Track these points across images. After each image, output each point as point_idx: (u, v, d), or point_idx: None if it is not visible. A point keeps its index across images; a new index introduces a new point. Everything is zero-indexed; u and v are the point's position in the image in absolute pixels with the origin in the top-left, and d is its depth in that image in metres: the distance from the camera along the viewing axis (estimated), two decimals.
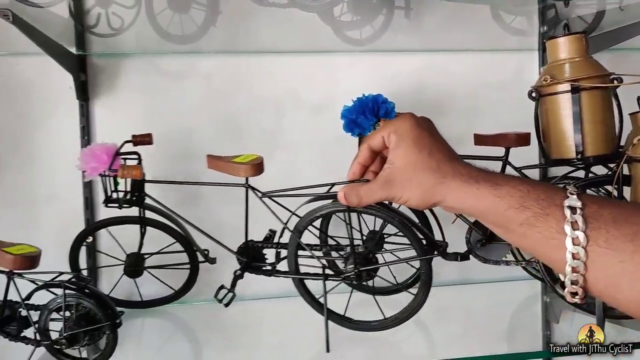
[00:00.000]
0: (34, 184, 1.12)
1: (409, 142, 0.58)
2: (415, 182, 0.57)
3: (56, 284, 0.74)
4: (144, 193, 0.96)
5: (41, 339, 0.74)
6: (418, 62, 1.19)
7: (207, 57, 1.15)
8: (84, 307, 0.73)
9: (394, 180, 0.58)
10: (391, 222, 0.83)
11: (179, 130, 1.10)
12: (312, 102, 1.19)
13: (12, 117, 1.10)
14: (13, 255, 0.71)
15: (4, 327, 0.77)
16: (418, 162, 0.57)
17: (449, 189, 0.56)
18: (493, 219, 0.55)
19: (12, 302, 0.78)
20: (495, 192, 0.54)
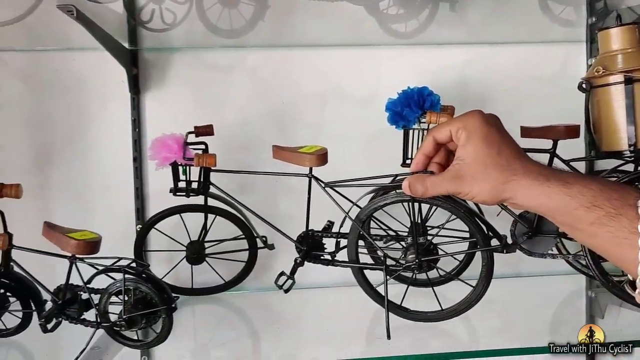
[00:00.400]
0: (88, 174, 1.17)
1: (479, 140, 0.58)
2: (485, 178, 0.57)
3: (116, 269, 0.77)
4: (209, 182, 0.98)
5: (101, 321, 0.78)
6: (463, 55, 1.19)
7: (254, 50, 1.17)
8: (141, 292, 0.76)
9: (463, 176, 0.58)
10: (456, 214, 0.84)
11: (226, 123, 1.13)
12: (356, 95, 1.20)
13: (68, 110, 1.15)
14: (76, 240, 0.74)
15: (66, 310, 0.81)
16: (488, 159, 0.57)
17: (519, 187, 0.56)
18: (562, 217, 0.55)
19: (73, 285, 0.82)
20: (566, 191, 0.54)
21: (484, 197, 0.58)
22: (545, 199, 0.55)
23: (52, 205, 1.15)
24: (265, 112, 1.18)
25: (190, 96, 1.17)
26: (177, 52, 1.16)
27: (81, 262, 0.79)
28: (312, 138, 1.17)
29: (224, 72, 1.17)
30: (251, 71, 1.18)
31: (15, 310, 0.86)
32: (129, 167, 1.16)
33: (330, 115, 1.20)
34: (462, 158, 0.59)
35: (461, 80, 1.19)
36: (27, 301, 0.85)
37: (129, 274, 0.75)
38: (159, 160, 0.95)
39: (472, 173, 0.58)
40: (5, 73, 1.13)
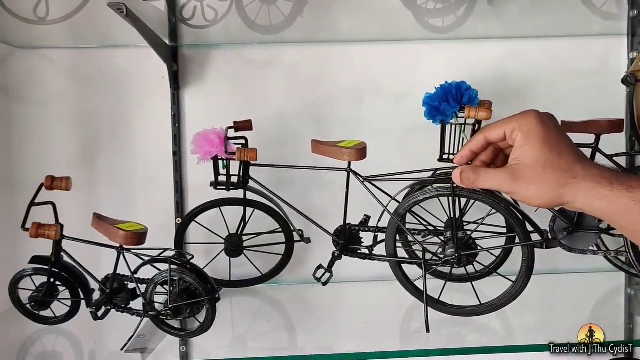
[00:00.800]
0: (130, 168, 1.20)
1: (538, 141, 0.56)
2: (544, 181, 0.56)
3: (163, 260, 0.80)
4: (248, 176, 1.01)
5: (148, 310, 0.80)
6: (500, 49, 1.18)
7: (291, 46, 1.18)
8: (185, 282, 0.78)
9: (521, 177, 0.57)
10: (497, 208, 0.84)
11: (263, 118, 1.14)
12: (392, 90, 1.20)
13: (111, 106, 1.18)
14: (125, 232, 0.77)
15: (113, 299, 0.84)
16: (548, 161, 0.56)
17: (580, 190, 0.55)
18: (626, 222, 0.53)
19: (120, 275, 0.85)
20: (630, 195, 0.52)
21: (541, 200, 0.57)
22: (607, 203, 0.53)
23: (96, 197, 1.19)
24: (302, 107, 1.20)
25: (228, 92, 1.19)
26: (215, 48, 1.18)
27: (128, 253, 0.82)
28: (348, 133, 1.18)
29: (261, 68, 1.19)
30: (288, 67, 1.19)
31: (65, 299, 0.89)
32: (169, 161, 1.18)
33: (366, 111, 1.20)
34: (519, 159, 0.57)
35: (499, 75, 1.18)
36: (75, 290, 0.88)
37: (175, 264, 0.77)
38: (201, 154, 0.98)
39: (530, 175, 0.56)
40: (52, 70, 1.17)
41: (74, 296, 0.88)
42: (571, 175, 0.55)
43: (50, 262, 0.86)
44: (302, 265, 1.19)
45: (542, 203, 0.57)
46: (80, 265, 0.87)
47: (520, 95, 1.18)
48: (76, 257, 0.89)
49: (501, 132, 0.59)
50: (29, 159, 1.18)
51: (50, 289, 0.87)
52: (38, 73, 1.17)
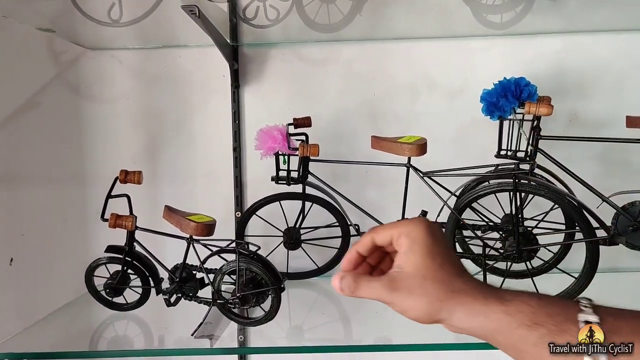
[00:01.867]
0: (191, 163, 1.25)
1: (422, 250, 0.55)
2: (422, 292, 0.53)
3: (231, 250, 0.83)
4: (308, 171, 1.03)
5: (216, 298, 0.84)
6: (559, 44, 1.17)
7: (348, 44, 1.20)
8: (252, 272, 0.81)
9: (400, 285, 0.54)
10: (560, 204, 0.84)
11: (320, 115, 1.16)
12: (447, 86, 1.21)
13: (175, 103, 1.24)
14: (196, 223, 0.81)
15: (182, 287, 0.89)
16: (429, 271, 0.54)
17: (456, 305, 0.52)
18: (505, 339, 0.51)
19: (189, 265, 0.89)
20: (504, 309, 0.50)
21: (417, 313, 0.54)
22: (484, 319, 0.51)
23: (159, 191, 1.24)
24: (358, 104, 1.22)
25: (285, 89, 1.22)
26: (274, 47, 1.21)
27: (197, 244, 0.86)
28: (403, 129, 1.19)
29: (318, 66, 1.22)
30: (345, 64, 1.21)
31: (136, 287, 0.94)
32: (229, 156, 1.23)
33: (421, 107, 1.21)
34: (401, 266, 0.55)
35: (557, 70, 1.17)
36: (146, 278, 0.93)
37: (242, 255, 0.80)
38: (265, 149, 1.01)
39: (410, 284, 0.54)
40: (119, 70, 1.23)
41: (145, 284, 0.92)
42: (450, 289, 0.53)
43: (124, 252, 0.91)
44: None
45: (419, 316, 0.54)
46: (151, 255, 0.91)
47: (580, 90, 1.17)
48: None
49: (388, 236, 0.57)
50: (98, 154, 1.25)
51: (123, 276, 0.92)
52: (107, 73, 1.23)
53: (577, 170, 0.97)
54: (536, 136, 1.00)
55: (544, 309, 0.49)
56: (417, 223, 0.57)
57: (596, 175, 1.12)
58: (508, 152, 1.00)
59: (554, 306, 0.50)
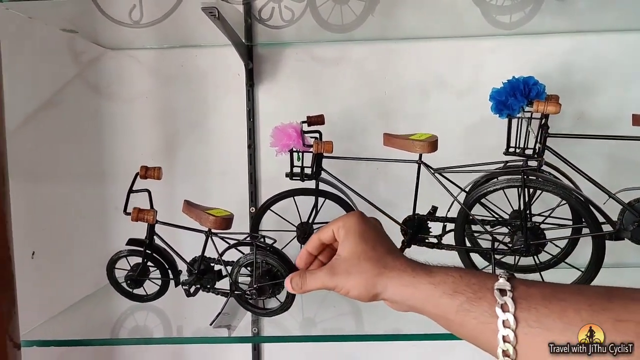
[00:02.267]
0: (207, 160, 1.29)
1: (356, 235, 0.62)
2: (358, 271, 0.60)
3: (248, 243, 0.87)
4: (321, 168, 1.06)
5: (234, 289, 0.88)
6: (567, 43, 1.19)
7: (360, 44, 1.23)
8: (268, 264, 0.84)
9: (338, 269, 0.62)
10: (567, 200, 0.87)
11: (332, 113, 1.19)
12: (456, 86, 1.23)
13: (191, 101, 1.27)
14: (215, 217, 0.84)
15: (201, 279, 0.92)
16: (362, 253, 0.61)
17: (388, 280, 0.58)
18: (432, 308, 0.56)
19: (207, 258, 0.92)
20: (429, 279, 0.56)
21: (358, 291, 0.60)
22: (413, 290, 0.57)
23: (176, 187, 1.28)
24: (369, 102, 1.25)
25: (299, 88, 1.26)
26: (288, 46, 1.25)
27: (215, 237, 0.89)
28: (413, 127, 1.22)
29: (331, 65, 1.25)
30: (356, 64, 1.24)
31: (156, 278, 0.98)
32: (243, 154, 1.26)
33: (431, 106, 1.24)
34: (339, 253, 0.63)
35: (566, 70, 1.19)
36: (165, 270, 0.97)
37: (259, 247, 0.84)
38: (280, 146, 1.04)
39: (347, 267, 0.61)
40: (138, 69, 1.27)
41: (164, 276, 0.96)
42: (382, 265, 0.59)
43: (144, 244, 0.94)
44: None
45: (359, 293, 0.60)
46: (170, 248, 0.95)
47: (587, 89, 1.19)
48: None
49: (330, 232, 0.65)
50: (117, 151, 1.29)
51: (143, 269, 0.96)
52: (126, 72, 1.27)
53: (584, 168, 0.99)
54: (544, 134, 1.02)
55: (464, 279, 0.55)
56: (350, 215, 0.66)
57: (603, 173, 1.15)
58: (516, 150, 1.03)
59: (474, 277, 0.55)
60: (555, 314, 0.48)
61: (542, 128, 1.02)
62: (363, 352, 1.34)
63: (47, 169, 1.29)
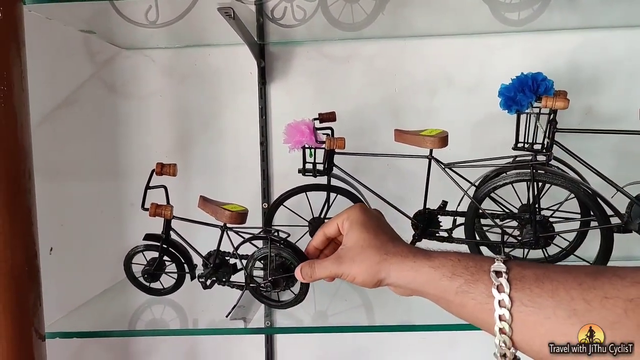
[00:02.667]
0: (220, 157, 1.31)
1: (359, 225, 0.67)
2: (362, 258, 0.64)
3: (262, 237, 0.89)
4: (333, 164, 1.09)
5: (249, 282, 0.90)
6: (576, 40, 1.20)
7: (370, 42, 1.25)
8: (282, 257, 0.87)
9: (344, 258, 0.66)
10: (575, 192, 0.88)
11: (343, 110, 1.20)
12: (465, 82, 1.25)
13: (205, 100, 1.30)
14: (230, 212, 0.87)
15: (217, 273, 0.94)
16: (365, 241, 0.65)
17: (391, 265, 0.62)
18: (433, 291, 0.59)
19: (222, 252, 0.95)
20: (429, 263, 0.59)
21: (362, 277, 0.64)
22: (414, 274, 0.60)
23: (190, 183, 1.30)
24: (379, 99, 1.26)
25: (311, 86, 1.28)
26: (299, 45, 1.27)
27: (230, 231, 0.91)
28: (423, 123, 1.24)
29: (341, 63, 1.27)
30: (366, 61, 1.26)
31: (172, 272, 1.01)
32: (256, 151, 1.28)
33: (440, 102, 1.26)
34: (344, 243, 0.67)
35: (574, 66, 1.21)
36: (181, 265, 0.99)
37: (274, 241, 0.86)
38: (293, 143, 1.06)
39: (352, 255, 0.65)
40: (152, 68, 1.30)
41: (180, 270, 0.98)
42: (384, 252, 0.63)
43: (161, 239, 0.97)
44: None
45: (364, 279, 0.64)
46: (186, 242, 0.97)
47: (595, 85, 1.20)
48: None
49: (334, 225, 0.71)
50: (132, 149, 1.32)
51: (160, 263, 0.98)
52: (140, 71, 1.30)
53: (592, 162, 1.00)
54: (552, 129, 1.04)
55: (462, 263, 0.57)
56: (353, 208, 0.71)
57: (611, 167, 1.15)
58: (525, 145, 1.05)
59: (471, 260, 0.58)
60: (547, 294, 0.50)
61: (551, 123, 1.03)
62: (374, 345, 1.36)
63: (64, 166, 1.33)
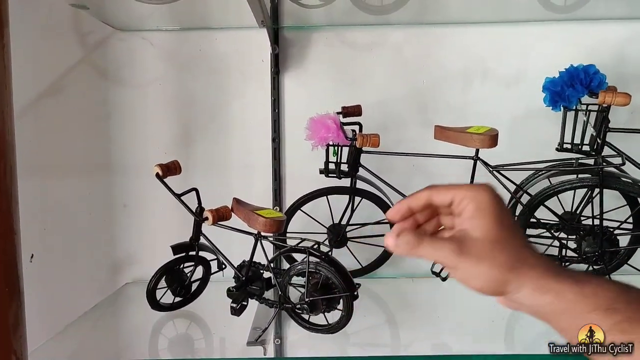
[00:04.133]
0: (227, 154, 1.17)
1: (491, 217, 0.51)
2: (492, 262, 0.50)
3: (301, 250, 0.76)
4: (359, 164, 0.97)
5: (283, 301, 0.77)
6: (622, 31, 1.11)
7: (396, 28, 1.13)
8: (322, 275, 0.74)
9: (469, 250, 0.51)
10: None
11: (365, 103, 1.08)
12: (502, 74, 1.14)
13: (211, 89, 1.16)
14: (265, 218, 0.74)
15: (248, 287, 0.81)
16: (500, 240, 0.50)
17: (526, 280, 0.49)
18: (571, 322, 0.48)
19: (256, 264, 0.82)
20: (579, 290, 0.47)
21: (483, 283, 0.51)
22: (554, 298, 0.48)
23: (192, 183, 1.14)
24: (406, 92, 1.15)
25: (329, 76, 1.15)
26: (317, 30, 1.14)
27: (265, 240, 0.79)
28: (454, 119, 1.13)
29: (364, 51, 1.15)
30: (392, 50, 1.14)
31: (195, 281, 0.87)
32: (267, 147, 1.15)
33: (474, 96, 1.15)
34: (467, 231, 0.52)
35: (619, 59, 1.11)
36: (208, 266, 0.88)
37: (314, 256, 0.73)
38: (317, 139, 0.94)
39: (479, 252, 0.51)
40: (151, 53, 1.15)
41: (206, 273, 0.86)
42: (520, 259, 0.50)
43: (192, 247, 0.85)
44: (401, 257, 1.15)
45: (484, 285, 0.51)
46: (218, 251, 0.85)
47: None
48: None
49: (449, 197, 0.53)
50: (126, 143, 1.17)
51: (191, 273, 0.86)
52: (137, 56, 1.15)
53: None
54: (605, 128, 0.94)
55: (624, 296, 0.47)
56: (483, 189, 0.53)
57: None
58: (572, 145, 0.95)
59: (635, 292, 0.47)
60: None
61: (603, 122, 0.94)
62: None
63: (48, 161, 1.16)
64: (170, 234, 0.96)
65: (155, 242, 1.12)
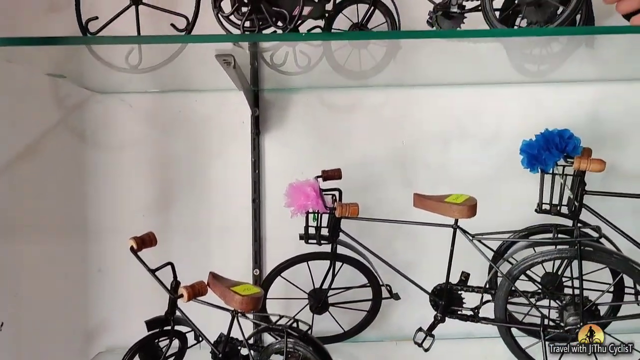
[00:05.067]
0: (206, 215, 1.16)
1: None
2: None
3: (278, 329, 0.74)
4: (339, 229, 0.96)
5: None
6: (595, 92, 1.13)
7: (375, 90, 1.14)
8: (300, 355, 0.72)
9: None
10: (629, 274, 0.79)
11: (345, 163, 1.08)
12: (479, 134, 1.15)
13: (190, 151, 1.15)
14: (241, 296, 0.72)
15: None
16: None
17: None
18: None
19: (234, 339, 0.80)
20: None
21: None
22: None
23: (171, 245, 1.13)
24: (386, 152, 1.15)
25: (309, 137, 1.15)
26: (296, 92, 1.15)
27: (243, 317, 0.77)
28: (433, 179, 1.14)
29: (343, 112, 1.15)
30: (371, 111, 1.15)
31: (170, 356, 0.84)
32: (247, 208, 1.14)
33: (452, 155, 1.15)
34: None
35: (592, 119, 1.13)
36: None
37: (291, 335, 0.72)
38: (296, 207, 0.93)
39: None
40: (129, 114, 1.14)
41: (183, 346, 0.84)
42: None
43: (167, 322, 0.82)
44: (384, 320, 1.13)
45: None
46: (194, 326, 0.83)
47: (618, 138, 1.13)
48: None
49: None
50: (103, 205, 1.14)
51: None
52: (115, 117, 1.14)
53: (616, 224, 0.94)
54: (581, 191, 0.95)
55: None
56: None
57: (634, 228, 1.07)
58: (551, 207, 0.96)
59: None
60: None
61: (580, 185, 0.95)
62: None
63: (22, 223, 1.14)
64: (145, 300, 0.93)
65: (131, 307, 1.10)
